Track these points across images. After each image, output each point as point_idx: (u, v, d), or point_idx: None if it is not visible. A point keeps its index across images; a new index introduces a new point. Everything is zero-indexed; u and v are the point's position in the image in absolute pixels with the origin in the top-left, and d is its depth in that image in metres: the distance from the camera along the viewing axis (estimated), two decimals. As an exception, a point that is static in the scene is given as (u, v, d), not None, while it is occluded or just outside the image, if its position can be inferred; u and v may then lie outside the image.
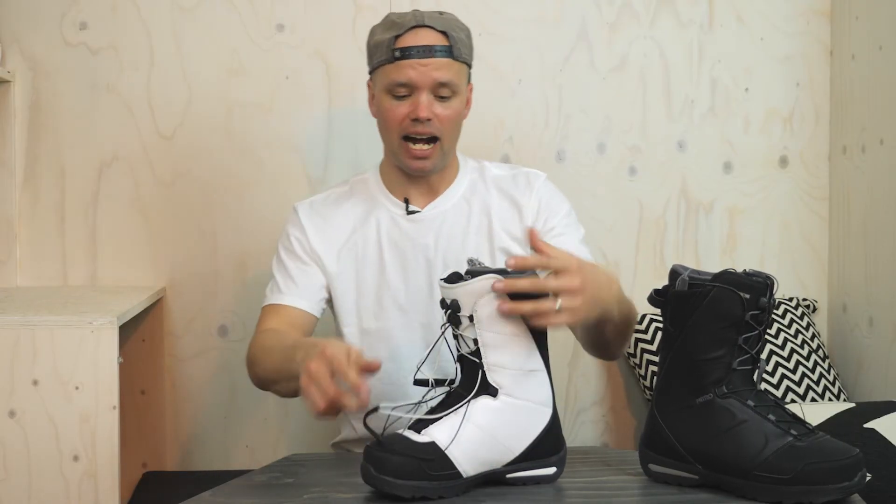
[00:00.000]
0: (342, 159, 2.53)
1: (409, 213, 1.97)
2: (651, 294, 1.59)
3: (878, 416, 2.08)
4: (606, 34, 2.59)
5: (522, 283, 1.48)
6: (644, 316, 2.51)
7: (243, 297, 2.52)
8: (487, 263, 1.87)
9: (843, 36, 2.57)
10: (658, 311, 1.59)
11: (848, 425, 2.06)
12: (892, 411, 2.11)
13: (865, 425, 2.05)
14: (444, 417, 1.48)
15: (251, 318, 2.51)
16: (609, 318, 1.69)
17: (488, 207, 1.98)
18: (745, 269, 1.53)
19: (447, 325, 1.52)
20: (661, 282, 1.61)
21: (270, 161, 2.52)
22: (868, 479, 1.54)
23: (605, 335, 1.78)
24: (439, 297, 1.54)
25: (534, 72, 2.56)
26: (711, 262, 2.60)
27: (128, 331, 2.41)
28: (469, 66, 1.95)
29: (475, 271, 1.51)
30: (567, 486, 1.58)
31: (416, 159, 1.90)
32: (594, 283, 1.57)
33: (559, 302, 1.50)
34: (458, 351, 1.53)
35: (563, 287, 1.51)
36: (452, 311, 1.50)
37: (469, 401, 1.49)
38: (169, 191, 2.51)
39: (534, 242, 1.69)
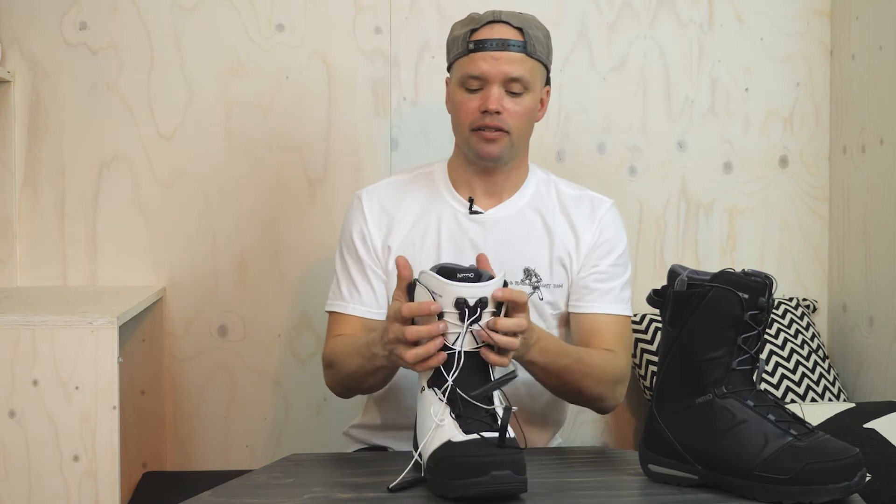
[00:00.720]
0: (342, 159, 2.53)
1: (472, 212, 1.96)
2: (650, 294, 1.59)
3: (878, 416, 2.08)
4: (606, 34, 2.59)
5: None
6: (644, 316, 2.51)
7: (243, 297, 2.52)
8: (544, 276, 1.92)
9: (843, 36, 2.57)
10: (658, 311, 1.59)
11: (848, 425, 2.06)
12: (892, 411, 2.11)
13: (865, 425, 2.05)
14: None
15: (251, 318, 2.52)
16: (530, 369, 1.78)
17: (550, 223, 1.97)
18: (743, 269, 1.53)
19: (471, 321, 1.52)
20: (661, 282, 1.62)
21: (270, 161, 2.52)
22: (868, 479, 1.54)
23: (542, 381, 1.84)
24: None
25: (534, 72, 2.56)
26: (711, 262, 2.60)
27: (128, 331, 2.40)
28: (546, 67, 1.95)
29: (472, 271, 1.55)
30: (567, 486, 1.58)
31: (485, 142, 1.89)
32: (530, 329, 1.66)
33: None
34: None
35: (516, 328, 1.56)
36: (481, 307, 1.51)
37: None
38: (169, 191, 2.51)
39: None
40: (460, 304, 1.51)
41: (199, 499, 1.51)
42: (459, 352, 1.52)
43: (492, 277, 1.55)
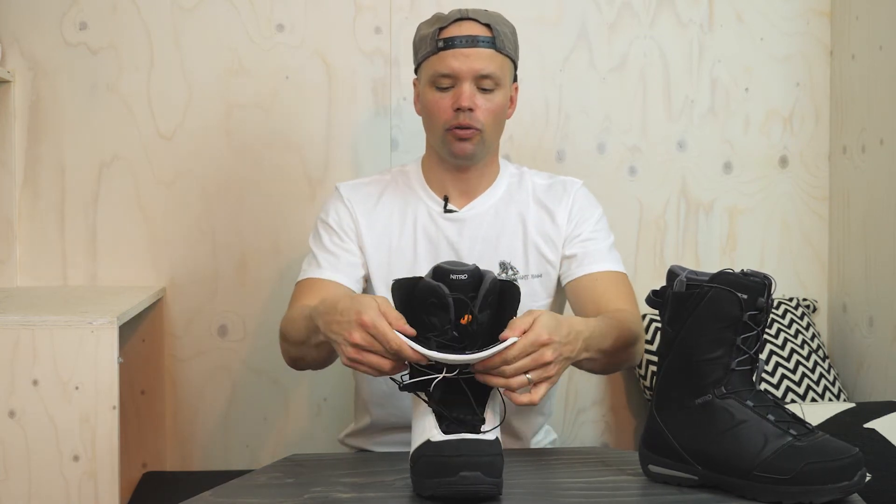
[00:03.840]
0: (342, 159, 2.54)
1: (447, 211, 1.97)
2: (649, 295, 1.59)
3: (878, 416, 2.08)
4: (606, 34, 2.59)
5: (495, 362, 1.50)
6: (644, 316, 2.51)
7: (243, 297, 2.52)
8: (520, 268, 1.92)
9: (843, 36, 2.57)
10: (657, 311, 1.59)
11: (848, 425, 2.06)
12: (892, 411, 2.11)
13: (865, 425, 2.05)
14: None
15: (251, 318, 2.52)
16: (581, 365, 1.73)
17: (524, 215, 1.98)
18: (742, 270, 1.53)
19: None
20: (661, 282, 1.62)
21: (270, 161, 2.53)
22: (868, 479, 1.54)
23: (594, 370, 1.81)
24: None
25: (534, 72, 2.56)
26: (711, 262, 2.60)
27: (128, 331, 2.41)
28: (514, 62, 1.95)
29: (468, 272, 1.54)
30: (567, 486, 1.58)
31: (459, 141, 1.89)
32: (564, 347, 1.57)
33: (529, 376, 1.52)
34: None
35: (536, 364, 1.52)
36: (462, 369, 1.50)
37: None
38: (169, 191, 2.51)
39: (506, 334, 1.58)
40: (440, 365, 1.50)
41: (199, 499, 1.51)
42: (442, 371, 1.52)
43: (489, 276, 1.55)
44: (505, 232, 1.98)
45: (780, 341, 2.48)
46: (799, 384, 2.44)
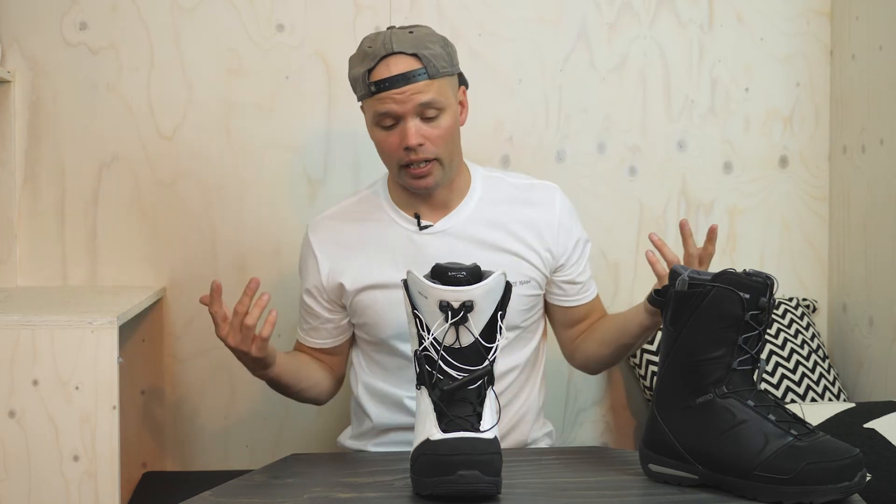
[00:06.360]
0: (342, 159, 2.53)
1: (422, 228, 1.96)
2: (651, 294, 1.59)
3: (878, 416, 2.08)
4: (606, 34, 2.59)
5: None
6: (644, 316, 2.51)
7: (243, 297, 2.52)
8: (507, 275, 1.91)
9: (843, 36, 2.57)
10: (659, 310, 1.59)
11: (848, 425, 2.06)
12: (892, 411, 2.11)
13: (865, 425, 2.05)
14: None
15: (251, 318, 2.52)
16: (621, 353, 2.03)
17: (503, 219, 1.98)
18: (744, 269, 1.53)
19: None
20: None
21: (270, 161, 2.52)
22: (868, 479, 1.54)
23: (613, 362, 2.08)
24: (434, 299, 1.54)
25: (534, 72, 2.56)
26: (711, 262, 2.60)
27: (128, 331, 2.40)
28: (453, 75, 1.92)
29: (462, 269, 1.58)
30: (567, 486, 1.58)
31: (417, 178, 1.89)
32: None
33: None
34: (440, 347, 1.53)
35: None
36: (465, 310, 1.51)
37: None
38: (169, 191, 2.51)
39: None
40: (444, 307, 1.51)
41: (199, 499, 1.51)
42: (441, 350, 1.52)
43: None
44: (486, 241, 1.97)
45: (779, 341, 2.48)
46: (799, 384, 2.44)
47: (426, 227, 1.96)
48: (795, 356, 2.48)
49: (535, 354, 2.05)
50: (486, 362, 1.54)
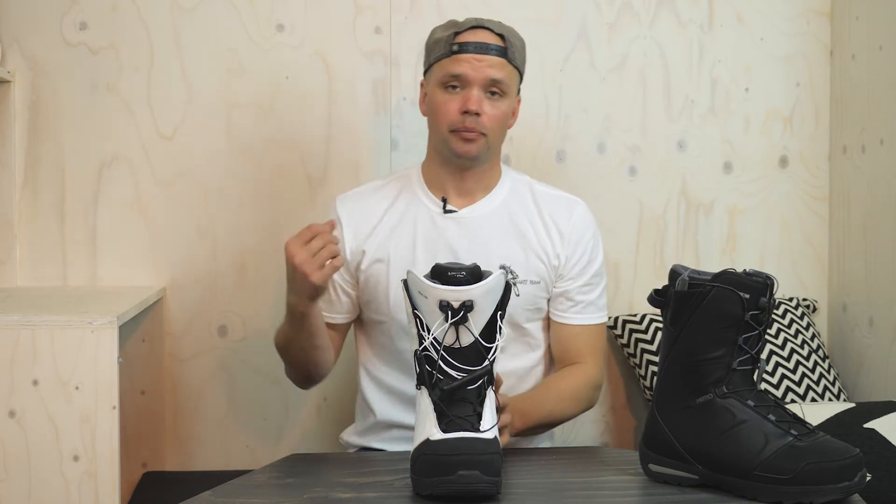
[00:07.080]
0: (342, 159, 2.53)
1: (446, 211, 2.01)
2: (651, 294, 1.59)
3: (878, 416, 2.08)
4: (606, 34, 2.59)
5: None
6: (644, 316, 2.51)
7: (243, 297, 2.52)
8: (521, 272, 1.91)
9: (843, 36, 2.57)
10: (658, 310, 1.59)
11: (848, 425, 2.06)
12: (892, 411, 2.11)
13: (865, 425, 2.06)
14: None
15: (251, 318, 2.52)
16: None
17: (526, 220, 2.03)
18: (745, 269, 1.53)
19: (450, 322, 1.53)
20: (661, 282, 1.62)
21: (270, 161, 2.52)
22: (868, 479, 1.54)
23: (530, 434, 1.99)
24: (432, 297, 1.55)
25: (534, 72, 2.55)
26: (711, 262, 2.60)
27: (128, 331, 2.40)
28: (521, 74, 2.02)
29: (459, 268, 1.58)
30: (567, 486, 1.58)
31: (465, 142, 1.94)
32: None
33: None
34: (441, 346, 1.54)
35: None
36: (465, 310, 1.51)
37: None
38: (169, 191, 2.51)
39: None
40: (444, 307, 1.52)
41: (199, 499, 1.51)
42: (441, 350, 1.52)
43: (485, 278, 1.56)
44: (506, 235, 2.01)
45: (779, 341, 2.48)
46: (799, 384, 2.44)
47: (450, 211, 2.00)
48: (795, 356, 2.48)
49: (536, 368, 2.07)
50: (486, 362, 1.54)
